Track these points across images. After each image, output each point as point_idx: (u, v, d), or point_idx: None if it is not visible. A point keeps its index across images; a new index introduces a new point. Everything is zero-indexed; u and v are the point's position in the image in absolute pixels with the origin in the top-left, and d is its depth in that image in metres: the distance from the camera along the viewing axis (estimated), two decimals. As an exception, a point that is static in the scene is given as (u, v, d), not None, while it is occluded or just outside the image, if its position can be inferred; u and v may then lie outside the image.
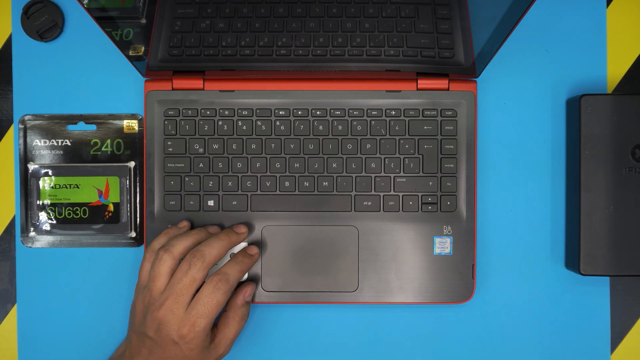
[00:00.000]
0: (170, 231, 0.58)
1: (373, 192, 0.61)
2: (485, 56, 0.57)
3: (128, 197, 0.62)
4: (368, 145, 0.61)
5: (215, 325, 0.57)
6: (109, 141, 0.62)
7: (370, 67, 0.59)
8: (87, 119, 0.62)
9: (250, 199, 0.61)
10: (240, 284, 0.59)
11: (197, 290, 0.54)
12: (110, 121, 0.62)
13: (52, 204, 0.62)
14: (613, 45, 0.63)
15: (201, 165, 0.61)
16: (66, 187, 0.62)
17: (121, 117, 0.62)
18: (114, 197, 0.62)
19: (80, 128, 0.62)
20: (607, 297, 0.62)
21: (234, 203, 0.61)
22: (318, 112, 0.61)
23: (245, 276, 0.60)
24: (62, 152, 0.62)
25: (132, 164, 0.62)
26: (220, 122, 0.61)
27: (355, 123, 0.61)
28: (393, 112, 0.61)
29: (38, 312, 0.62)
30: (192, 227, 0.60)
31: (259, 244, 0.61)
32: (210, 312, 0.54)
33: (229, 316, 0.57)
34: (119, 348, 0.59)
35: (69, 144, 0.62)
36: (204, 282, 0.55)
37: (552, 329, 0.62)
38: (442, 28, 0.56)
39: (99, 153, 0.62)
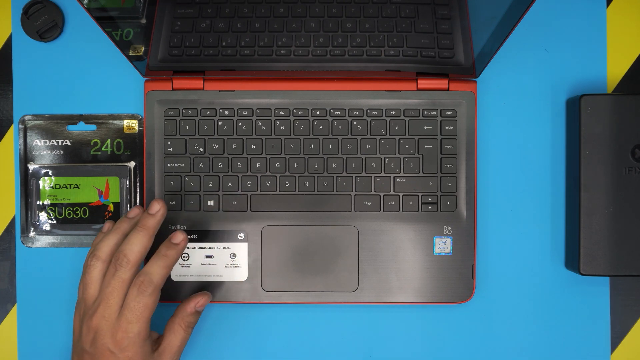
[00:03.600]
0: (96, 240, 0.56)
1: (373, 192, 0.61)
2: (485, 56, 0.57)
3: (128, 197, 0.62)
4: (368, 145, 0.61)
5: (163, 332, 0.56)
6: (109, 141, 0.62)
7: (370, 67, 0.59)
8: (87, 119, 0.62)
9: (250, 199, 0.61)
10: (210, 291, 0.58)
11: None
12: (110, 121, 0.62)
13: (52, 204, 0.62)
14: (613, 45, 0.63)
15: (201, 165, 0.61)
16: (66, 187, 0.62)
17: (121, 117, 0.62)
18: (114, 197, 0.62)
19: (80, 128, 0.62)
20: (607, 297, 0.62)
21: (234, 203, 0.61)
22: (318, 112, 0.61)
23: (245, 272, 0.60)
24: (62, 152, 0.62)
25: (132, 164, 0.62)
26: (220, 122, 0.61)
27: (355, 123, 0.61)
28: (393, 112, 0.61)
29: (38, 312, 0.62)
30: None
31: (259, 244, 0.61)
32: (140, 317, 0.52)
33: (175, 322, 0.55)
34: None
35: (69, 144, 0.62)
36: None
37: (552, 329, 0.62)
38: (442, 28, 0.56)
39: (99, 153, 0.62)
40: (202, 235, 0.60)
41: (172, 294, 0.60)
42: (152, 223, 0.54)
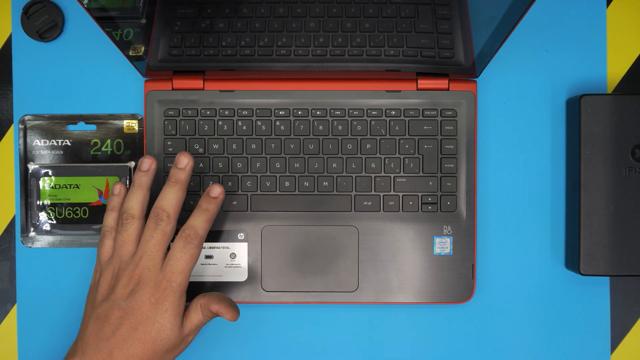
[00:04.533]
0: (113, 203, 0.56)
1: (373, 192, 0.61)
2: (485, 56, 0.57)
3: (128, 197, 0.62)
4: (368, 145, 0.61)
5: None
6: (109, 141, 0.62)
7: (370, 67, 0.59)
8: (87, 119, 0.62)
9: (250, 199, 0.61)
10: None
11: (168, 249, 0.54)
12: (110, 121, 0.62)
13: (52, 204, 0.62)
14: (613, 45, 0.63)
15: (201, 165, 0.61)
16: (66, 187, 0.62)
17: (121, 117, 0.62)
18: (114, 197, 0.62)
19: (80, 128, 0.62)
20: (607, 297, 0.62)
21: (234, 203, 0.61)
22: (318, 112, 0.61)
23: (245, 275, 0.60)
24: (62, 152, 0.62)
25: (132, 164, 0.62)
26: (220, 122, 0.61)
27: (355, 123, 0.61)
28: (393, 112, 0.61)
29: (38, 312, 0.62)
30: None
31: (259, 244, 0.61)
32: (185, 268, 0.52)
33: (200, 306, 0.54)
34: (70, 348, 0.55)
35: (69, 144, 0.62)
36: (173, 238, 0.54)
37: (552, 329, 0.62)
38: (442, 28, 0.56)
39: (99, 153, 0.62)
40: (202, 235, 0.60)
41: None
42: (184, 176, 0.55)
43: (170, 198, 0.54)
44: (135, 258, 0.53)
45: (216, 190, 0.55)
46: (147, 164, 0.55)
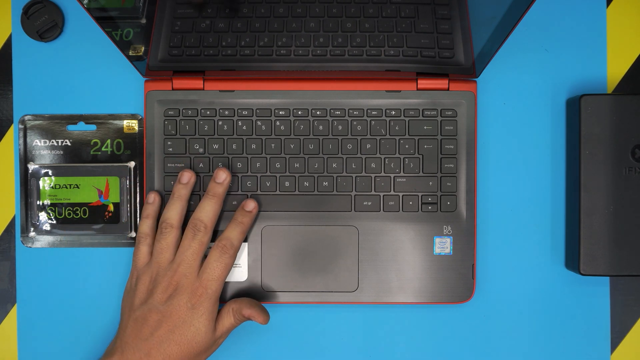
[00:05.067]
0: (149, 211, 0.59)
1: (373, 192, 0.61)
2: (485, 56, 0.57)
3: (128, 197, 0.62)
4: (368, 145, 0.61)
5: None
6: (109, 141, 0.62)
7: (370, 67, 0.59)
8: (87, 119, 0.62)
9: (250, 199, 0.61)
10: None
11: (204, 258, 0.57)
12: (110, 121, 0.62)
13: (52, 204, 0.62)
14: (613, 45, 0.63)
15: (201, 165, 0.61)
16: (66, 187, 0.62)
17: (121, 117, 0.62)
18: (114, 197, 0.62)
19: (80, 128, 0.62)
20: (607, 297, 0.62)
21: (234, 203, 0.61)
22: (318, 112, 0.61)
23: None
24: (62, 152, 0.62)
25: (132, 164, 0.62)
26: (220, 122, 0.61)
27: (355, 123, 0.61)
28: (393, 112, 0.61)
29: (38, 312, 0.62)
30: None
31: (259, 244, 0.61)
32: (220, 276, 0.56)
33: (232, 311, 0.57)
34: (109, 347, 0.57)
35: (69, 144, 0.62)
36: (209, 248, 0.57)
37: (552, 329, 0.62)
38: (442, 28, 0.56)
39: (99, 153, 0.62)
40: (202, 235, 0.60)
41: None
42: (221, 191, 0.58)
43: (208, 210, 0.57)
44: (174, 265, 0.56)
45: (250, 205, 0.59)
46: (187, 177, 0.59)
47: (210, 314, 0.55)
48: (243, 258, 0.60)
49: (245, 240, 0.60)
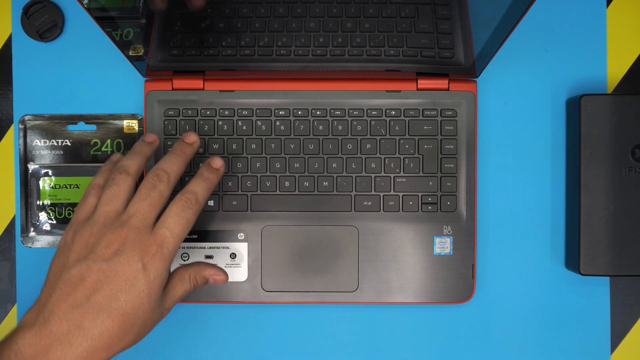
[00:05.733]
0: (109, 167, 0.53)
1: (373, 192, 0.61)
2: (485, 56, 0.57)
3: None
4: (368, 145, 0.61)
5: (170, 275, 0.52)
6: (109, 141, 0.62)
7: (370, 67, 0.59)
8: (87, 119, 0.62)
9: (250, 199, 0.61)
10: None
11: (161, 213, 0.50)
12: (110, 121, 0.62)
13: (52, 204, 0.62)
14: (613, 45, 0.63)
15: (201, 165, 0.61)
16: (66, 187, 0.62)
17: (121, 117, 0.62)
18: (114, 197, 0.62)
19: (80, 128, 0.62)
20: (607, 297, 0.62)
21: (234, 203, 0.61)
22: (318, 112, 0.61)
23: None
24: (62, 152, 0.62)
25: (132, 164, 0.62)
26: (220, 122, 0.61)
27: (355, 123, 0.61)
28: (393, 112, 0.61)
29: (38, 312, 0.62)
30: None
31: (259, 244, 0.61)
32: (179, 234, 0.48)
33: (187, 274, 0.52)
34: (22, 319, 0.46)
35: (69, 144, 0.62)
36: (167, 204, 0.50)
37: (552, 329, 0.62)
38: (442, 28, 0.56)
39: (99, 153, 0.62)
40: (202, 235, 0.60)
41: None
42: (189, 151, 0.53)
43: (173, 163, 0.51)
44: (124, 216, 0.47)
45: (218, 162, 0.53)
46: (152, 138, 0.54)
47: (163, 280, 0.47)
48: (243, 258, 0.60)
49: (245, 240, 0.60)
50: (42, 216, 0.62)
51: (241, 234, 0.61)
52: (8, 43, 0.63)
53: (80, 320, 0.44)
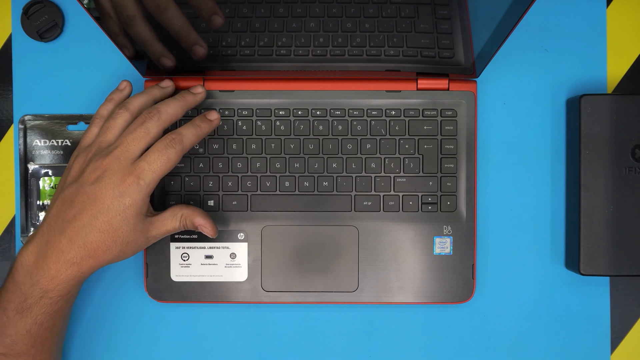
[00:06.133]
0: (114, 96, 0.57)
1: (373, 192, 0.61)
2: (485, 56, 0.57)
3: (128, 197, 0.62)
4: (368, 145, 0.61)
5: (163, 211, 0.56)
6: (109, 141, 0.62)
7: (370, 67, 0.59)
8: (87, 119, 0.62)
9: (250, 199, 0.61)
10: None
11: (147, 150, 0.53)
12: (110, 121, 0.62)
13: (52, 204, 0.62)
14: (613, 45, 0.63)
15: (201, 165, 0.61)
16: (66, 187, 0.62)
17: (121, 117, 0.62)
18: (114, 197, 0.62)
19: (80, 128, 0.62)
20: (607, 297, 0.62)
21: (234, 203, 0.61)
22: (318, 112, 0.61)
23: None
24: (62, 152, 0.62)
25: (132, 164, 0.62)
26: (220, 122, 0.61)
27: (355, 123, 0.61)
28: (393, 112, 0.61)
29: (38, 312, 0.62)
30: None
31: (259, 244, 0.61)
32: (157, 169, 0.52)
33: (179, 213, 0.55)
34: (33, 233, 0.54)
35: (69, 144, 0.62)
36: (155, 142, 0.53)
37: (552, 329, 0.62)
38: (442, 28, 0.56)
39: (99, 153, 0.62)
40: (202, 235, 0.60)
41: (172, 294, 0.60)
42: (192, 100, 0.56)
43: (169, 105, 0.54)
44: (111, 147, 0.52)
45: (214, 115, 0.56)
46: (167, 84, 0.57)
47: (139, 208, 0.51)
48: (243, 258, 0.60)
49: (245, 240, 0.60)
50: (42, 216, 0.62)
51: (241, 234, 0.61)
52: (8, 43, 0.63)
53: (69, 233, 0.51)
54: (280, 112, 0.61)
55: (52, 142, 0.62)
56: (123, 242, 0.52)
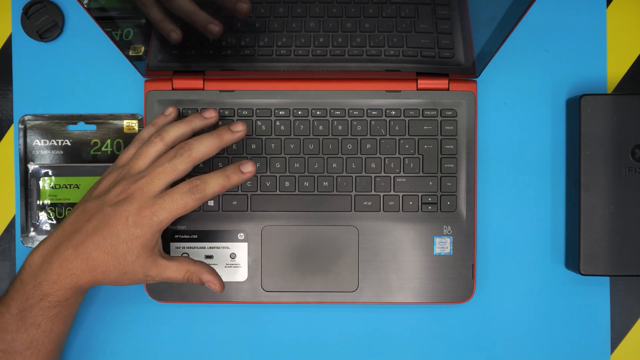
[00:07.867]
0: (158, 121, 0.58)
1: (373, 192, 0.61)
2: (485, 56, 0.57)
3: (128, 197, 0.62)
4: (368, 145, 0.61)
5: (170, 254, 0.57)
6: (109, 141, 0.62)
7: (370, 67, 0.59)
8: (87, 119, 0.62)
9: (250, 199, 0.61)
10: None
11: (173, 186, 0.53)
12: (110, 121, 0.62)
13: (52, 204, 0.62)
14: (613, 45, 0.63)
15: (201, 165, 0.61)
16: (66, 187, 0.62)
17: (121, 117, 0.62)
18: (114, 197, 0.62)
19: (80, 128, 0.62)
20: (607, 297, 0.62)
21: (234, 203, 0.61)
22: (318, 112, 0.61)
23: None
24: (62, 152, 0.62)
25: (132, 164, 0.62)
26: (220, 122, 0.61)
27: (355, 123, 0.61)
28: (393, 112, 0.61)
29: (38, 312, 0.62)
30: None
31: (259, 244, 0.61)
32: (174, 210, 0.52)
33: (185, 267, 0.54)
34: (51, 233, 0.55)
35: (69, 144, 0.62)
36: (182, 179, 0.54)
37: (552, 329, 0.62)
38: (442, 28, 0.56)
39: (99, 153, 0.62)
40: (202, 235, 0.60)
41: (172, 294, 0.60)
42: (229, 138, 0.55)
43: (204, 144, 0.54)
44: (139, 175, 0.53)
45: (248, 167, 0.55)
46: (211, 114, 0.57)
47: (147, 242, 0.52)
48: (243, 258, 0.60)
49: (245, 240, 0.60)
50: (42, 216, 0.62)
51: (241, 234, 0.61)
52: (8, 43, 0.63)
53: (78, 244, 0.52)
54: (280, 112, 0.61)
55: (52, 142, 0.62)
56: (121, 270, 0.53)
